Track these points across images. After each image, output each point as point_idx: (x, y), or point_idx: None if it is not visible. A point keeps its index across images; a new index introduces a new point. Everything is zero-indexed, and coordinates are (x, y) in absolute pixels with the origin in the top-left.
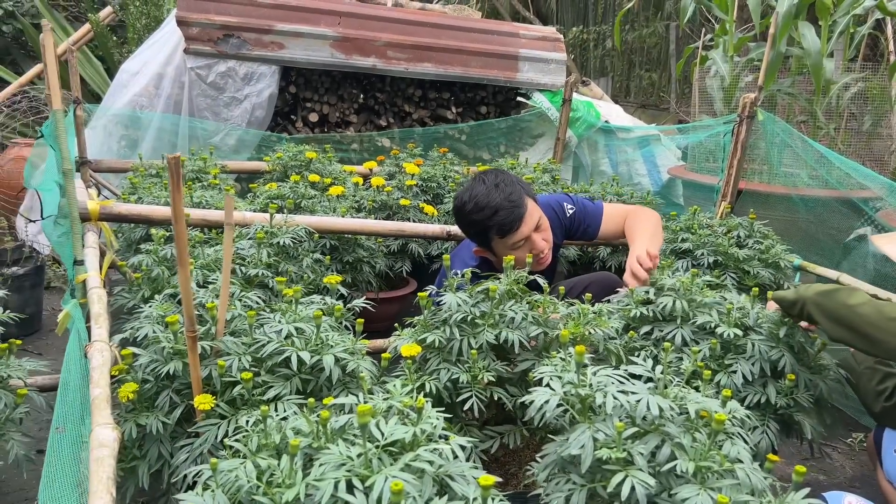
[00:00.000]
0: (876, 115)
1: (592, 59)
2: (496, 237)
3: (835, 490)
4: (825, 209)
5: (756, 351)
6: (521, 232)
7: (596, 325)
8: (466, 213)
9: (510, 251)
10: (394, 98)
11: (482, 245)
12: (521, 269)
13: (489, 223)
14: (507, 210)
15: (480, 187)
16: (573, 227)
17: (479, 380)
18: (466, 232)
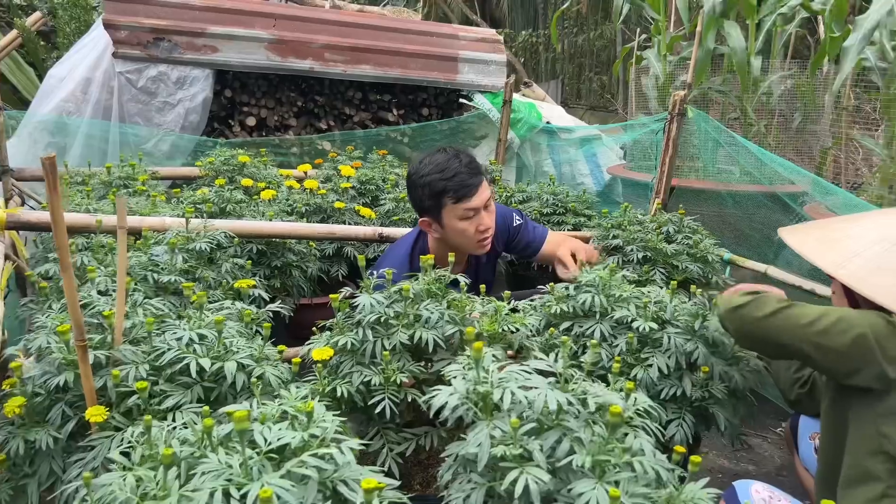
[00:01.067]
0: (805, 111)
1: (543, 62)
2: (450, 202)
3: (746, 479)
4: (754, 204)
5: (672, 344)
6: (475, 200)
7: (512, 323)
8: (424, 174)
9: (459, 222)
10: (334, 101)
11: (431, 213)
12: (464, 253)
13: (448, 184)
14: (465, 174)
15: (440, 155)
16: (515, 239)
17: (392, 381)
18: (419, 196)
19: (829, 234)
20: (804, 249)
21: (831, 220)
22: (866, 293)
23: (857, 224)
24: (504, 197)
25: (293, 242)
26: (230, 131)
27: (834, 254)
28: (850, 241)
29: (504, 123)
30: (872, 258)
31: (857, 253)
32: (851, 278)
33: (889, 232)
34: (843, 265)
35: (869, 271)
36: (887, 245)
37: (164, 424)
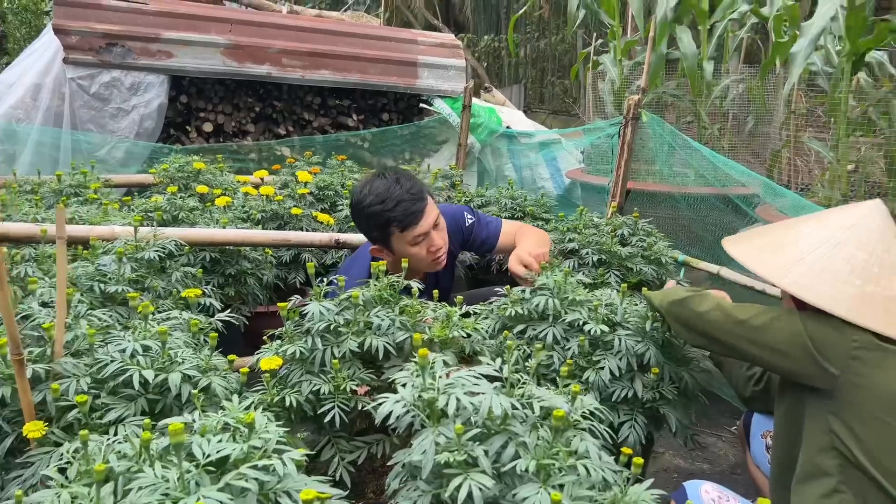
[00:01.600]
0: (757, 115)
1: (506, 67)
2: (397, 231)
3: (697, 479)
4: (707, 206)
5: (623, 346)
6: (422, 225)
7: (464, 328)
8: (366, 206)
9: (409, 248)
10: (292, 106)
11: (380, 242)
12: (419, 271)
13: (391, 215)
14: (408, 202)
15: (380, 181)
16: (471, 238)
17: (342, 390)
18: (365, 227)
19: (772, 241)
20: (747, 260)
21: (775, 226)
22: (811, 300)
23: (800, 228)
24: (463, 202)
25: (248, 250)
26: (187, 137)
27: (777, 261)
28: (792, 246)
29: (464, 128)
30: (815, 262)
31: (800, 258)
32: (794, 286)
33: (830, 233)
34: (787, 272)
35: (813, 276)
36: (829, 247)
37: (105, 439)
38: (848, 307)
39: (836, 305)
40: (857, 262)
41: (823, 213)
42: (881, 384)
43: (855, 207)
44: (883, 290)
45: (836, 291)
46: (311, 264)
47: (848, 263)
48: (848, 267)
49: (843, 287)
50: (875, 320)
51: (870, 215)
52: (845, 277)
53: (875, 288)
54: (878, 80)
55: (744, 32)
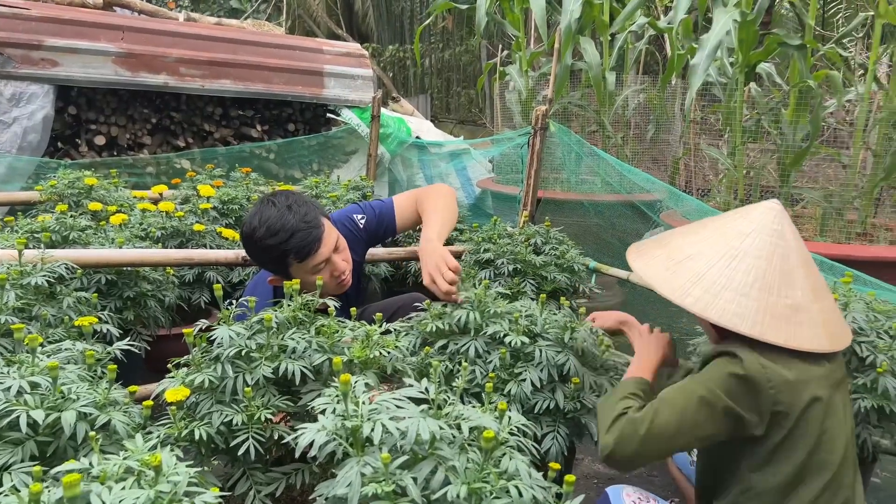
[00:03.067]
0: (658, 124)
1: (412, 77)
2: (294, 262)
3: (618, 484)
4: (614, 213)
5: (544, 357)
6: (320, 254)
7: (384, 346)
8: (258, 239)
9: (310, 276)
10: (192, 117)
11: (278, 272)
12: (325, 295)
13: (286, 247)
14: (304, 231)
15: (271, 210)
16: (370, 234)
17: (256, 419)
18: (260, 260)
19: (673, 254)
20: (650, 278)
21: (674, 234)
22: (714, 318)
23: (698, 239)
24: None
25: (148, 270)
26: (76, 151)
27: (678, 280)
28: (692, 261)
29: (373, 138)
30: (716, 278)
31: (701, 275)
32: (697, 305)
33: (730, 243)
34: (688, 291)
35: (714, 294)
36: (729, 259)
37: None
38: (752, 322)
39: (741, 322)
40: (757, 272)
41: (723, 218)
42: (805, 431)
43: (753, 209)
44: (784, 298)
45: (739, 307)
46: (217, 286)
47: (749, 275)
48: (749, 278)
49: (746, 301)
50: (778, 333)
51: (766, 219)
52: (747, 291)
53: (776, 298)
54: (769, 90)
55: (642, 44)
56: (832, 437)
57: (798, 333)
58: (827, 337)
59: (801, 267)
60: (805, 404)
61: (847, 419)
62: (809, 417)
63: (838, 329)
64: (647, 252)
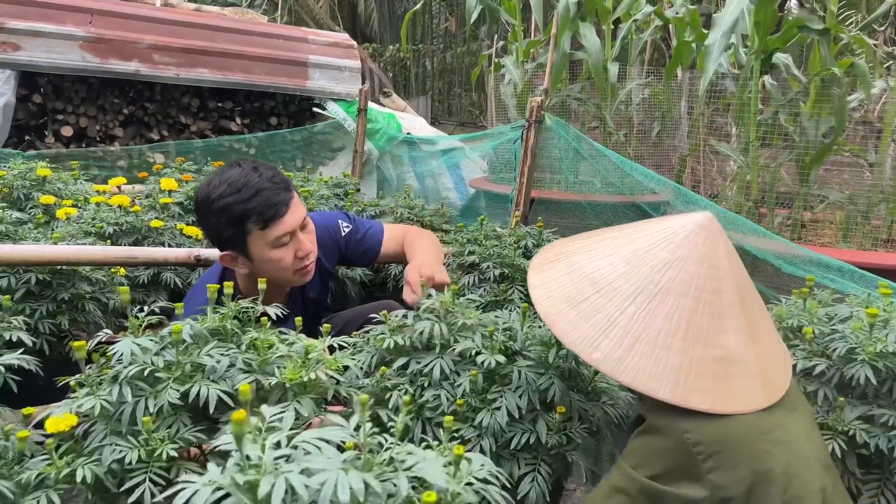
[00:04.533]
0: (663, 121)
1: (413, 78)
2: (256, 228)
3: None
4: (616, 215)
5: (523, 380)
6: (286, 221)
7: (324, 367)
8: (217, 197)
9: (272, 251)
10: (167, 109)
11: (235, 245)
12: (283, 287)
13: (248, 206)
14: (271, 191)
15: (234, 170)
16: (349, 249)
17: (157, 456)
18: (214, 227)
19: (578, 283)
20: (550, 315)
21: (578, 245)
22: (626, 381)
23: (608, 262)
24: (356, 212)
25: (88, 270)
26: (42, 143)
27: (584, 325)
28: (601, 298)
29: (360, 133)
30: (629, 325)
31: (611, 320)
32: (606, 363)
33: (647, 277)
34: (596, 343)
35: (627, 347)
36: (645, 300)
37: None
38: (673, 385)
39: (658, 385)
40: (681, 316)
41: (639, 233)
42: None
43: (678, 226)
44: (713, 349)
45: (656, 365)
46: (124, 288)
47: (671, 320)
48: (671, 325)
49: (666, 356)
50: (704, 395)
51: (694, 243)
52: (668, 342)
53: (703, 349)
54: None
55: (647, 35)
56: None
57: (728, 392)
58: (764, 389)
59: (736, 302)
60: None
61: (815, 445)
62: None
63: (778, 374)
64: (547, 273)
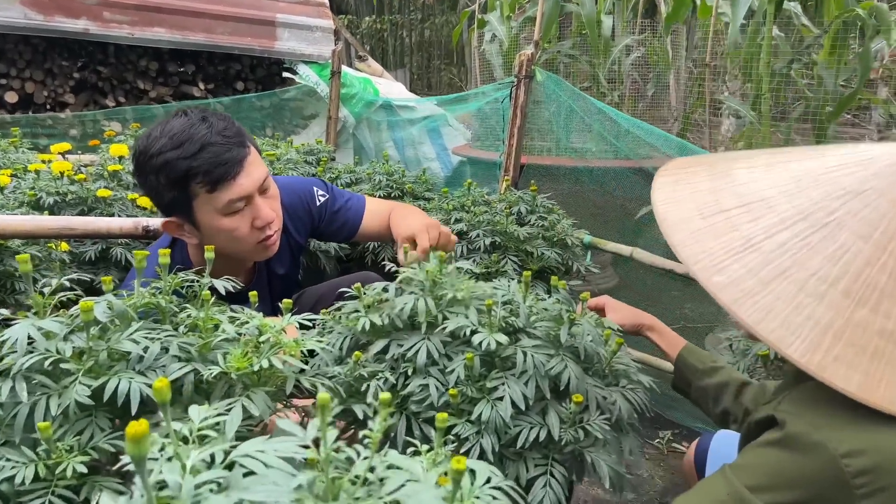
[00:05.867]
0: (659, 79)
1: (391, 51)
2: (202, 191)
3: None
4: (614, 178)
5: (529, 364)
6: (240, 184)
7: (287, 352)
8: (155, 153)
9: (222, 220)
10: (122, 73)
11: (178, 210)
12: (243, 262)
13: (192, 163)
14: (220, 147)
15: (178, 120)
16: (324, 221)
17: (61, 472)
18: (154, 187)
19: (721, 194)
20: (669, 221)
21: (738, 156)
22: (748, 321)
23: (772, 176)
24: (329, 179)
25: (19, 244)
26: None
27: (712, 239)
28: (747, 213)
29: (333, 97)
30: (776, 255)
31: (752, 242)
32: (727, 291)
33: (819, 202)
34: (723, 265)
35: (763, 280)
36: (808, 229)
37: None
38: (812, 345)
39: (790, 339)
40: (854, 261)
41: (821, 154)
42: None
43: (879, 155)
44: (882, 319)
45: (797, 313)
46: (23, 256)
47: (835, 263)
48: (833, 270)
49: (814, 306)
50: (849, 374)
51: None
52: (823, 290)
53: (868, 314)
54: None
55: None
56: None
57: (890, 381)
58: None
59: None
60: None
61: None
62: None
63: None
64: (685, 180)
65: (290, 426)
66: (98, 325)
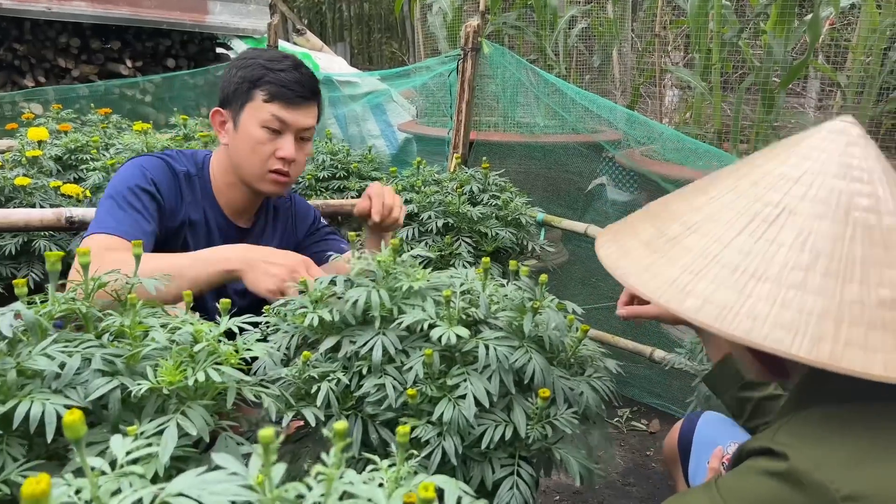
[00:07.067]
0: (604, 51)
1: (329, 25)
2: (260, 97)
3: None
4: (566, 153)
5: (492, 357)
6: (293, 113)
7: (225, 361)
8: (251, 58)
9: (256, 130)
10: (42, 50)
11: (231, 103)
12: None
13: (269, 76)
14: (297, 83)
15: (281, 54)
16: (313, 234)
17: None
18: (227, 80)
19: (666, 227)
20: (622, 267)
21: (672, 197)
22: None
23: (710, 197)
24: None
25: None
26: None
27: (669, 267)
28: (697, 236)
29: None
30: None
31: (712, 256)
32: (706, 312)
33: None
34: (687, 287)
35: (739, 289)
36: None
37: None
38: (815, 336)
39: (789, 338)
40: (821, 242)
41: (752, 160)
42: None
43: (806, 137)
44: (876, 289)
45: (785, 310)
46: (54, 254)
47: (802, 249)
48: (804, 257)
49: (800, 297)
50: (869, 357)
51: (830, 150)
52: (801, 278)
53: (860, 287)
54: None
55: None
56: None
57: None
58: None
59: None
60: None
61: None
62: None
63: None
64: (624, 232)
65: (230, 461)
66: (3, 339)
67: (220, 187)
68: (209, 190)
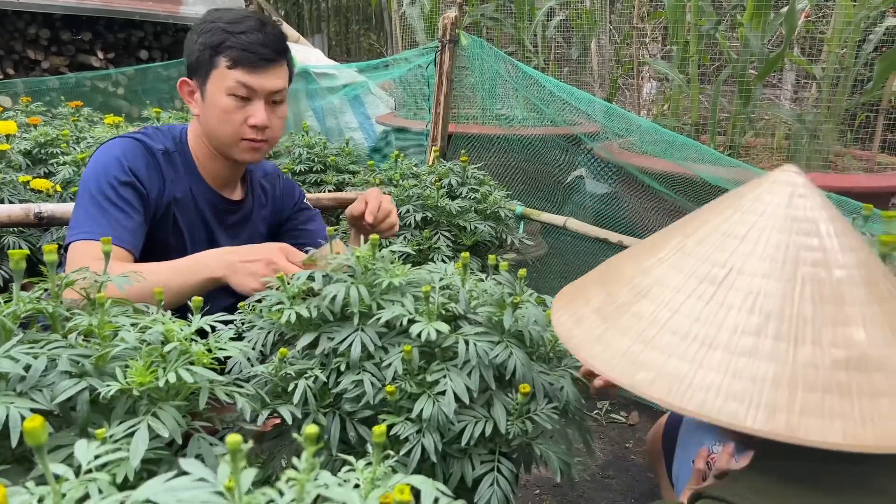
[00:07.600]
0: (582, 43)
1: (307, 16)
2: (224, 63)
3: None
4: (545, 148)
5: (472, 353)
6: (260, 77)
7: (197, 361)
8: (211, 20)
9: (223, 97)
10: (10, 42)
11: (198, 72)
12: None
13: (230, 39)
14: (260, 44)
15: (243, 13)
16: (291, 212)
17: None
18: (192, 48)
19: (612, 294)
20: (575, 340)
21: (622, 258)
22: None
23: (658, 259)
24: None
25: None
26: None
27: (620, 338)
28: (646, 301)
29: None
30: (688, 328)
31: (661, 325)
32: (657, 386)
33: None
34: (639, 359)
35: (690, 359)
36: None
37: None
38: (770, 407)
39: (743, 410)
40: (769, 302)
41: (698, 217)
42: None
43: (751, 189)
44: (830, 350)
45: (737, 380)
46: (18, 252)
47: (751, 311)
48: (753, 319)
49: (751, 365)
50: (826, 424)
51: (775, 203)
52: (751, 343)
53: (813, 348)
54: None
55: None
56: None
57: (872, 416)
58: None
59: (858, 281)
60: None
61: None
62: None
63: None
64: (578, 298)
65: (197, 467)
66: None
67: (200, 160)
68: (192, 164)
